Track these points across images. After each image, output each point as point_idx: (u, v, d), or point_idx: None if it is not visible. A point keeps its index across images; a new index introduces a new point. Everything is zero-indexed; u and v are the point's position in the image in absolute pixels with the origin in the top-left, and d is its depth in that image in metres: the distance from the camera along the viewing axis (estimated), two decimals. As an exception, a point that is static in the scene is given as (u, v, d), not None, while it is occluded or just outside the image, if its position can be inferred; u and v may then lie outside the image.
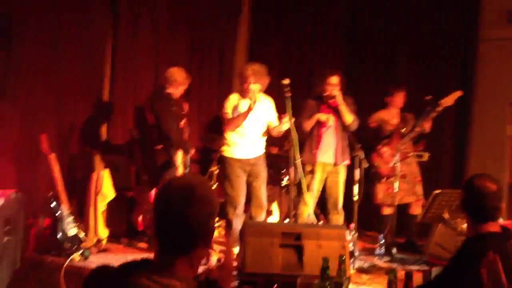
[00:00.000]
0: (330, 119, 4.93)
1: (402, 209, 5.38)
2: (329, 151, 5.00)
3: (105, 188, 4.73)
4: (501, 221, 4.50)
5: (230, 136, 4.73)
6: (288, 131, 4.63)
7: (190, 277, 1.50)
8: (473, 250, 2.42)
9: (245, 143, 4.71)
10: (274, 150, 6.08)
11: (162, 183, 1.57)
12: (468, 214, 2.56)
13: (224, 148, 4.77)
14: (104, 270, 1.61)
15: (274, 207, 5.79)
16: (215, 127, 6.45)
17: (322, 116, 4.93)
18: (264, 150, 4.88)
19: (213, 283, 1.67)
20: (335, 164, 4.98)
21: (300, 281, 2.61)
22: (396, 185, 4.89)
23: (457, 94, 5.10)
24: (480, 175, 2.60)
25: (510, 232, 2.52)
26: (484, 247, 2.38)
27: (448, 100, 5.06)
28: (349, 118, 4.91)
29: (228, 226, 4.69)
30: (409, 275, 2.52)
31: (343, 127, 4.95)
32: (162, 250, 1.51)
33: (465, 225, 2.82)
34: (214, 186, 5.85)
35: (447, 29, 6.17)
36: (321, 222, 5.65)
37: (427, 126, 5.07)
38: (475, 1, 6.03)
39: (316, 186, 5.03)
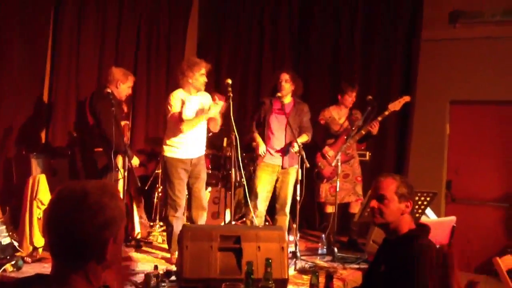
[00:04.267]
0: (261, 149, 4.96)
1: (344, 209, 5.45)
2: (277, 154, 4.98)
3: (41, 194, 4.51)
4: (434, 218, 4.62)
5: (172, 136, 4.60)
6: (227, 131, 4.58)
7: None
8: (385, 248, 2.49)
9: (187, 142, 4.59)
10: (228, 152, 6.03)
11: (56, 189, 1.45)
12: None
13: (165, 148, 4.64)
14: (-3, 287, 1.51)
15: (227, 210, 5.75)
16: (162, 127, 6.34)
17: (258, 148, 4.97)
18: (204, 151, 4.80)
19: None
20: (282, 167, 4.97)
21: (224, 286, 2.56)
22: (338, 184, 4.93)
23: (405, 99, 5.19)
24: (383, 174, 2.58)
25: (424, 230, 2.50)
26: (393, 246, 2.42)
27: (396, 105, 5.14)
28: (304, 139, 4.93)
29: (169, 229, 4.59)
30: (329, 277, 2.52)
31: (293, 132, 4.89)
32: (55, 262, 1.41)
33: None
34: (159, 190, 5.75)
35: (390, 30, 6.29)
36: (267, 223, 5.64)
37: (375, 129, 5.12)
38: (417, 3, 6.15)
39: (266, 187, 5.00)
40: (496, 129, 6.00)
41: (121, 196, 4.40)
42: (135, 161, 4.93)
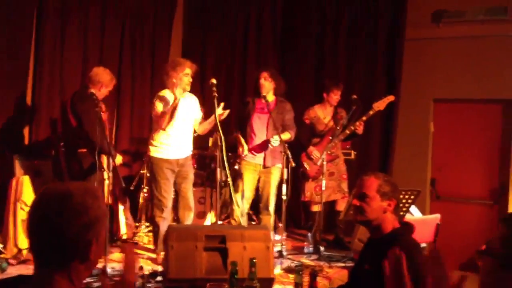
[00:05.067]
0: (245, 150, 4.98)
1: (330, 207, 5.48)
2: (259, 153, 4.98)
3: (25, 195, 4.48)
4: (419, 216, 4.66)
5: (158, 136, 4.59)
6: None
7: None
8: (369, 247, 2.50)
9: (173, 143, 4.58)
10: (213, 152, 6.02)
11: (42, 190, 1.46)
12: None
13: (151, 148, 4.63)
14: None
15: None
16: (147, 128, 6.31)
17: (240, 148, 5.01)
18: (191, 151, 4.78)
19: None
20: (264, 166, 4.98)
21: (209, 286, 2.56)
22: (323, 183, 4.95)
23: (390, 98, 5.22)
24: (367, 173, 2.58)
25: (408, 228, 2.52)
26: (377, 245, 2.44)
27: (380, 105, 5.16)
28: (286, 137, 4.92)
29: (155, 229, 4.57)
30: (313, 275, 2.53)
31: (275, 130, 4.88)
32: (37, 263, 1.41)
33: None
34: (145, 190, 5.72)
35: (374, 29, 6.33)
36: (253, 223, 5.65)
37: (360, 129, 5.14)
38: (401, 2, 6.19)
39: (249, 187, 5.00)
40: (479, 127, 6.06)
41: (106, 196, 4.40)
42: (118, 159, 4.88)
